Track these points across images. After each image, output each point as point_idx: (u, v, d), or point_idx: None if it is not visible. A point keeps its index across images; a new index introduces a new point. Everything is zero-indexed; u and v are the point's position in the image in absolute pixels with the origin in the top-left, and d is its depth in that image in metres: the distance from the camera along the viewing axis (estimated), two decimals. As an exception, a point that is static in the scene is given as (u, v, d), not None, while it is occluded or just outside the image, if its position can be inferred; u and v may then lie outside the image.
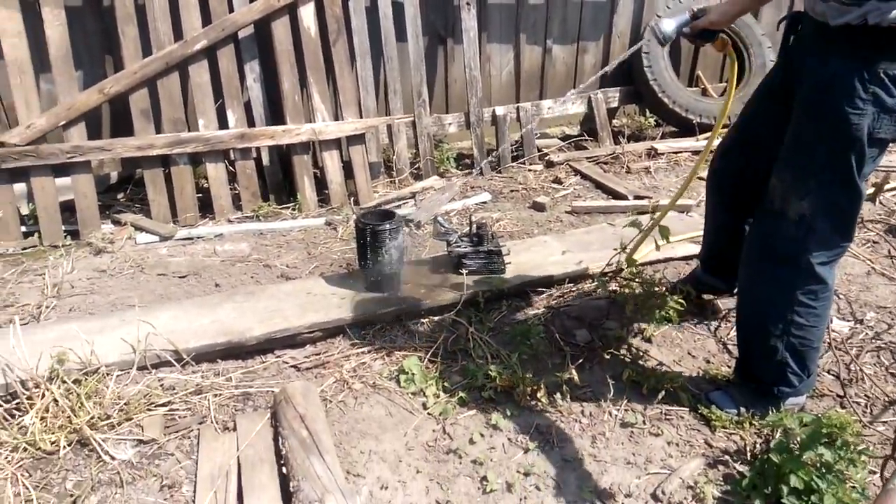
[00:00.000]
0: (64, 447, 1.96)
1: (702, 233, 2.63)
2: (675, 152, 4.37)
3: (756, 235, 2.04)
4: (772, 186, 1.94)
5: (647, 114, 4.96)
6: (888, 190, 3.60)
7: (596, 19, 4.67)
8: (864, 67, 1.68)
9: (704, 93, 5.03)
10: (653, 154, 4.31)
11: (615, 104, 4.74)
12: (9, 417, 2.02)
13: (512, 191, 3.94)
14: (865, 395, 2.22)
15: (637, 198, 3.65)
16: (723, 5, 2.17)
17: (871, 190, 3.61)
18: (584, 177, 4.06)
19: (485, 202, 3.75)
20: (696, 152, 4.39)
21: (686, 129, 4.59)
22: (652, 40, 2.20)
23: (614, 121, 4.88)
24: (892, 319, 2.60)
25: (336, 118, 3.79)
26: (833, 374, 2.31)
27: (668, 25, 2.17)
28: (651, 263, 2.95)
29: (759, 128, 2.12)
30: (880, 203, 3.55)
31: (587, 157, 4.31)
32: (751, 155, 2.16)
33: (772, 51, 4.78)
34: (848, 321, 2.61)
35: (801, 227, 1.87)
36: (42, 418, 2.01)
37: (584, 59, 4.78)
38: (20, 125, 3.16)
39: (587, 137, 4.69)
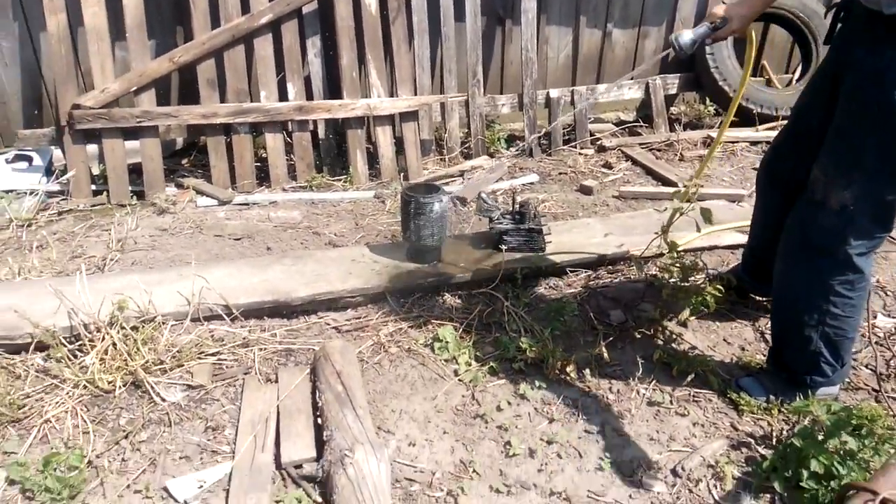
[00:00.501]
0: (119, 387, 2.12)
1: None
2: (732, 142, 4.28)
3: (795, 224, 2.01)
4: (814, 176, 1.91)
5: (707, 102, 4.86)
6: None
7: (660, 4, 4.59)
8: None
9: (769, 83, 4.90)
10: (709, 143, 4.23)
11: (674, 91, 4.66)
12: (72, 357, 2.20)
13: (560, 173, 3.95)
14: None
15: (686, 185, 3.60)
16: (739, 8, 2.09)
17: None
18: (636, 163, 4.03)
19: (532, 183, 3.78)
20: (753, 143, 4.29)
21: (746, 118, 4.48)
22: (670, 52, 2.16)
23: (672, 108, 4.80)
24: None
25: (391, 94, 3.87)
26: (871, 369, 2.27)
27: (687, 37, 2.12)
28: (695, 250, 2.93)
29: (811, 120, 2.05)
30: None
31: (640, 143, 4.27)
32: (803, 148, 2.08)
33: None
34: (893, 318, 2.55)
35: (843, 217, 1.85)
36: (101, 360, 2.18)
37: (645, 44, 4.71)
38: (95, 89, 3.37)
39: (643, 124, 4.63)
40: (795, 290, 2.03)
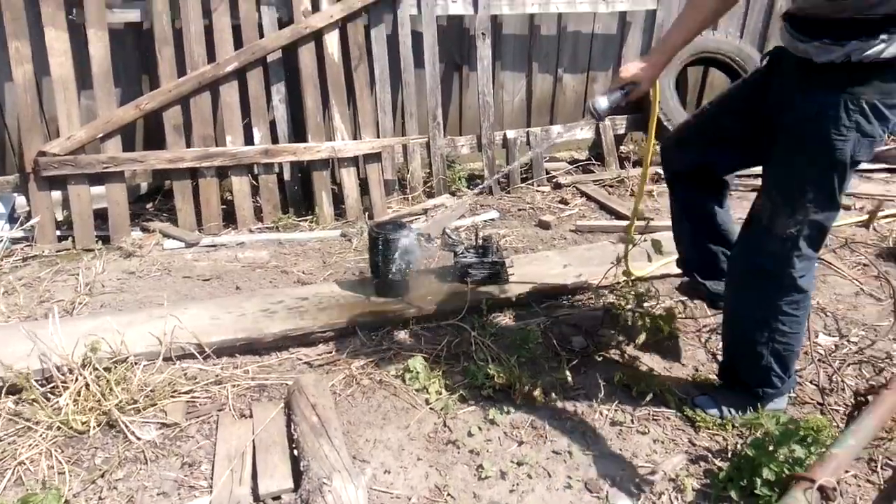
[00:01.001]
0: (94, 427, 2.14)
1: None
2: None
3: (742, 252, 2.15)
4: (761, 206, 2.04)
5: (655, 141, 5.11)
6: (882, 217, 3.72)
7: (605, 51, 4.88)
8: (848, 99, 1.79)
9: (710, 122, 5.20)
10: (657, 179, 4.46)
11: (622, 130, 4.92)
12: (45, 399, 2.20)
13: (520, 210, 4.12)
14: (844, 404, 2.33)
15: (639, 219, 3.80)
16: (647, 70, 2.12)
17: (865, 217, 3.75)
18: (590, 198, 4.23)
19: (493, 219, 3.93)
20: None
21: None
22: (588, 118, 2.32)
23: (622, 147, 5.06)
24: (876, 336, 2.71)
25: (355, 137, 4.01)
26: (815, 385, 2.43)
27: (603, 103, 2.16)
28: (648, 279, 3.09)
29: (726, 122, 2.21)
30: (874, 229, 3.67)
31: (593, 181, 4.49)
32: (709, 146, 2.26)
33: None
34: (833, 337, 2.74)
35: (787, 243, 1.98)
36: (75, 401, 2.19)
37: (594, 87, 4.99)
38: (61, 136, 3.41)
39: (595, 162, 4.86)
40: (746, 312, 2.16)
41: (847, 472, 2.02)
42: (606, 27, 4.83)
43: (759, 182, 2.11)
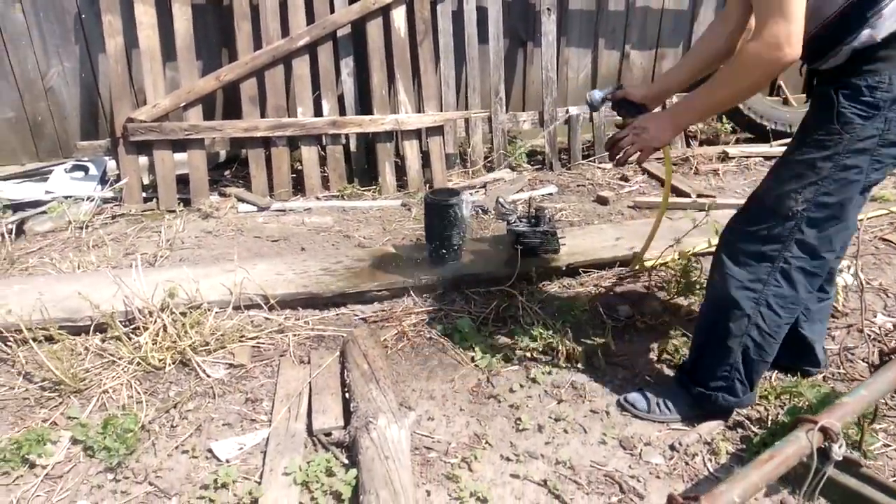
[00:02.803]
0: (169, 364, 2.36)
1: None
2: (747, 157, 4.44)
3: (740, 223, 1.98)
4: (769, 179, 1.94)
5: (724, 120, 5.02)
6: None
7: (676, 27, 4.80)
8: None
9: (785, 102, 5.05)
10: (723, 157, 4.40)
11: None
12: (127, 337, 2.44)
13: (579, 185, 4.15)
14: (897, 383, 2.29)
15: (700, 196, 3.78)
16: (637, 89, 2.28)
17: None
18: (651, 175, 4.21)
19: (551, 194, 3.98)
20: (768, 157, 4.45)
21: (761, 135, 4.64)
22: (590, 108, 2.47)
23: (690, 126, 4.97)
24: (939, 321, 2.63)
25: (418, 111, 4.13)
26: (866, 362, 2.40)
27: (596, 95, 2.36)
28: (703, 254, 3.08)
29: None
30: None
31: (656, 158, 4.45)
32: None
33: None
34: (893, 317, 2.67)
35: (789, 223, 1.85)
36: (153, 340, 2.42)
37: (663, 64, 4.92)
38: (148, 104, 3.68)
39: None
40: (729, 295, 1.94)
41: (889, 445, 2.00)
42: (678, 2, 4.74)
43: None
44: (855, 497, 1.43)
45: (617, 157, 2.10)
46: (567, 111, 4.52)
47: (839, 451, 1.26)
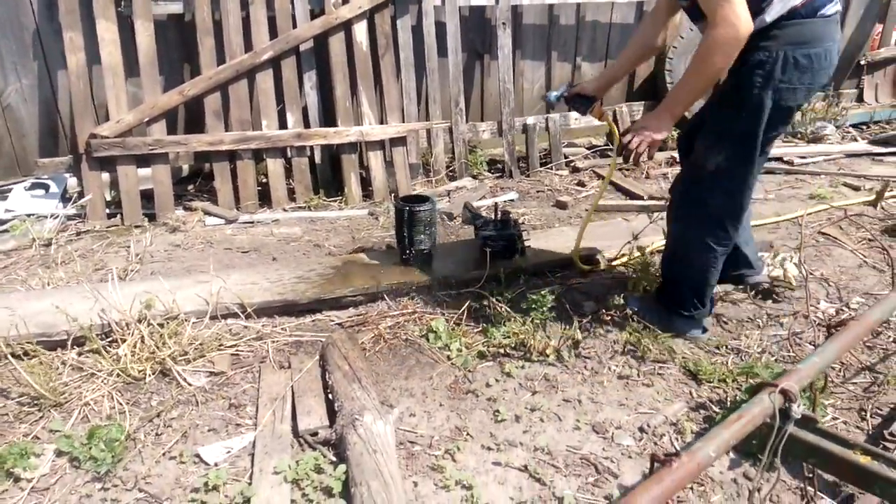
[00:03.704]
0: (149, 375, 2.38)
1: None
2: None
3: (682, 184, 2.50)
4: (697, 146, 2.40)
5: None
6: (889, 196, 3.84)
7: (623, 40, 5.04)
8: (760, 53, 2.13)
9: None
10: (672, 162, 4.62)
11: (639, 116, 5.07)
12: (105, 350, 2.45)
13: (538, 191, 4.31)
14: (841, 362, 2.49)
15: (651, 198, 3.98)
16: (590, 83, 2.74)
17: (873, 196, 3.87)
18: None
19: (512, 200, 4.12)
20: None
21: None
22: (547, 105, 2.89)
23: (639, 133, 5.21)
24: (875, 302, 2.85)
25: (382, 122, 4.23)
26: (813, 346, 2.59)
27: (552, 94, 2.75)
28: (660, 251, 3.26)
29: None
30: (882, 208, 3.80)
31: (609, 165, 4.64)
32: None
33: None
34: (835, 304, 2.89)
35: (715, 176, 2.31)
36: (132, 352, 2.43)
37: (612, 75, 5.13)
38: (111, 120, 3.68)
39: (612, 147, 5.02)
40: (677, 236, 2.53)
41: (837, 419, 2.18)
42: (624, 17, 4.98)
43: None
44: (814, 450, 1.59)
45: (631, 157, 2.36)
46: (524, 121, 4.69)
47: (798, 409, 1.40)
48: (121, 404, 2.26)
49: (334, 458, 2.02)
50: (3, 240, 3.37)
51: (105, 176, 3.80)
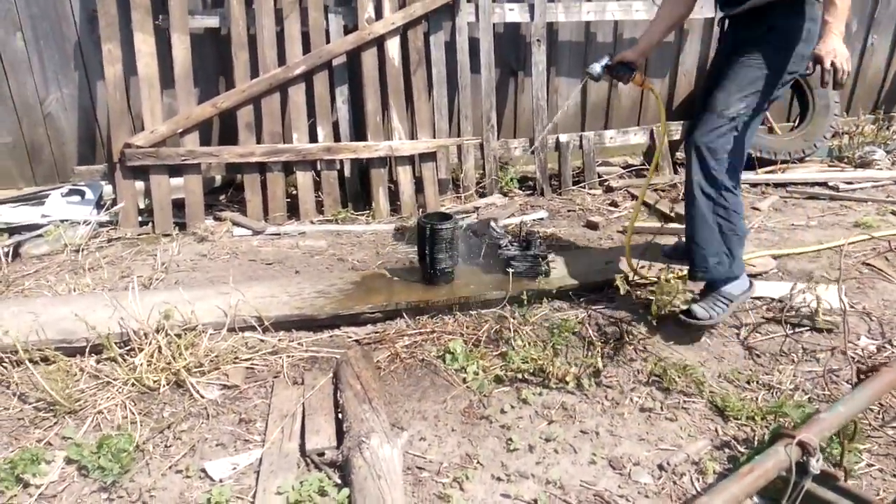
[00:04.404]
0: (164, 385, 2.38)
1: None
2: (733, 184, 4.51)
3: (699, 130, 2.64)
4: (715, 98, 2.61)
5: (711, 149, 5.12)
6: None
7: (662, 57, 4.93)
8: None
9: (770, 130, 5.17)
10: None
11: (677, 136, 4.94)
12: (122, 359, 2.46)
13: (569, 210, 4.22)
14: (880, 404, 2.34)
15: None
16: (632, 51, 2.87)
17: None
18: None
19: (542, 218, 4.04)
20: (753, 184, 4.55)
21: (746, 162, 4.72)
22: (587, 80, 2.98)
23: (677, 153, 5.07)
24: (921, 341, 2.69)
25: (412, 137, 4.21)
26: (850, 384, 2.44)
27: (596, 66, 2.84)
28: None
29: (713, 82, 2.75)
30: (931, 238, 3.60)
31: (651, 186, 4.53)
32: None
33: (836, 93, 4.89)
34: (876, 340, 2.73)
35: (731, 122, 2.59)
36: (148, 361, 2.44)
37: (650, 94, 5.03)
38: (145, 130, 3.74)
39: (648, 167, 4.90)
40: (698, 188, 2.66)
41: (872, 465, 2.04)
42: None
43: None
44: (833, 510, 1.48)
45: (840, 76, 2.41)
46: (557, 138, 4.61)
47: (816, 464, 1.30)
48: (133, 414, 2.27)
49: (339, 481, 1.98)
50: (37, 244, 3.44)
51: (139, 184, 3.87)
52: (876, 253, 3.47)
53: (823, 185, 4.57)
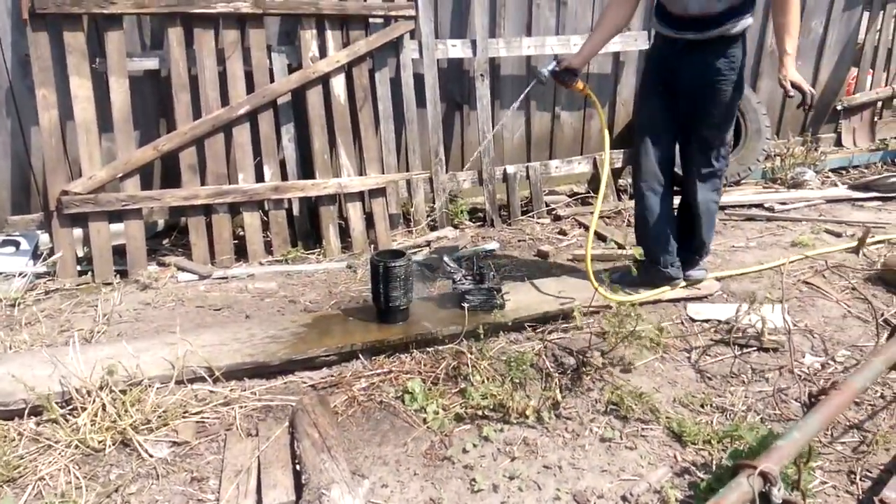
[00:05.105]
0: (109, 445, 2.27)
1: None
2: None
3: (706, 163, 3.15)
4: (705, 136, 3.09)
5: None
6: (870, 243, 3.83)
7: (601, 89, 5.07)
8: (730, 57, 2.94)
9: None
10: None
11: (619, 164, 5.08)
12: (64, 419, 2.34)
13: (519, 240, 4.26)
14: (828, 420, 2.41)
15: (632, 247, 3.92)
16: (574, 57, 3.14)
17: (854, 243, 3.85)
18: (588, 229, 4.35)
19: (493, 250, 4.07)
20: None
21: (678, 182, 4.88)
22: (535, 84, 3.16)
23: (619, 180, 5.20)
24: (861, 356, 2.80)
25: (360, 173, 4.20)
26: (799, 402, 2.52)
27: (544, 71, 3.08)
28: (641, 304, 3.20)
29: (664, 121, 3.16)
30: (863, 255, 3.77)
31: (591, 212, 4.61)
32: (669, 141, 3.22)
33: (766, 117, 5.13)
34: (820, 357, 2.83)
35: (724, 149, 3.15)
36: (92, 421, 2.32)
37: (591, 124, 5.17)
38: (83, 176, 3.62)
39: (593, 195, 5.01)
40: (708, 201, 3.24)
41: (825, 482, 2.10)
42: (601, 67, 5.03)
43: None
44: (797, 537, 1.51)
45: (809, 104, 2.86)
46: (504, 170, 4.67)
47: (779, 493, 1.33)
48: (77, 478, 2.15)
49: (300, 537, 1.91)
50: (-32, 300, 3.26)
51: (77, 232, 3.72)
52: (813, 271, 3.62)
53: (760, 206, 4.75)
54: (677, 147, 3.26)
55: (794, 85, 2.79)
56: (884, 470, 2.13)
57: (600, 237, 4.24)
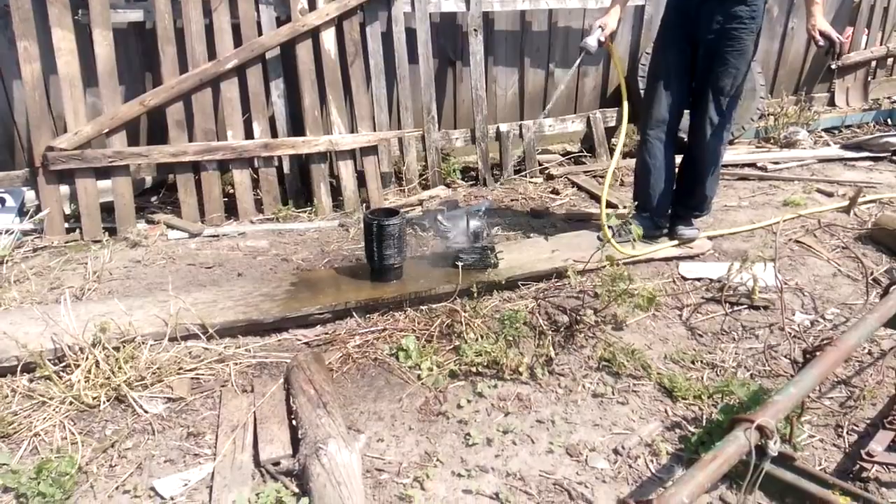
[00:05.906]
0: (104, 402, 2.27)
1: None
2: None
3: (719, 113, 3.16)
4: (721, 86, 3.09)
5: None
6: (861, 203, 3.84)
7: (596, 45, 4.99)
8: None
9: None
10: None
11: (612, 123, 5.04)
12: (58, 376, 2.33)
13: (512, 199, 4.24)
14: (816, 376, 2.45)
15: (626, 206, 3.92)
16: (608, 15, 3.22)
17: (846, 203, 3.87)
18: (581, 188, 4.35)
19: (486, 209, 4.03)
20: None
21: (680, 146, 4.86)
22: (584, 55, 3.24)
23: (612, 139, 5.17)
24: (851, 314, 2.83)
25: (352, 131, 4.14)
26: (788, 359, 2.56)
27: (592, 41, 3.15)
28: (634, 263, 3.22)
29: (679, 72, 3.18)
30: (854, 214, 3.79)
31: (584, 171, 4.61)
32: (682, 92, 3.23)
33: (761, 76, 5.08)
34: (810, 315, 2.86)
35: (736, 102, 3.18)
36: (86, 378, 2.32)
37: (585, 82, 5.11)
38: (68, 132, 3.54)
39: (586, 154, 4.99)
40: (716, 153, 3.28)
41: (813, 436, 2.14)
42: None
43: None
44: (791, 489, 1.55)
45: (837, 52, 3.06)
46: (497, 128, 4.63)
47: (775, 447, 1.35)
48: (73, 434, 2.15)
49: (297, 490, 1.93)
50: (-46, 258, 3.22)
51: (64, 189, 3.67)
52: (805, 230, 3.64)
53: (752, 165, 4.75)
54: (685, 117, 3.32)
55: (822, 34, 2.87)
56: (870, 424, 2.17)
57: (593, 196, 4.23)
